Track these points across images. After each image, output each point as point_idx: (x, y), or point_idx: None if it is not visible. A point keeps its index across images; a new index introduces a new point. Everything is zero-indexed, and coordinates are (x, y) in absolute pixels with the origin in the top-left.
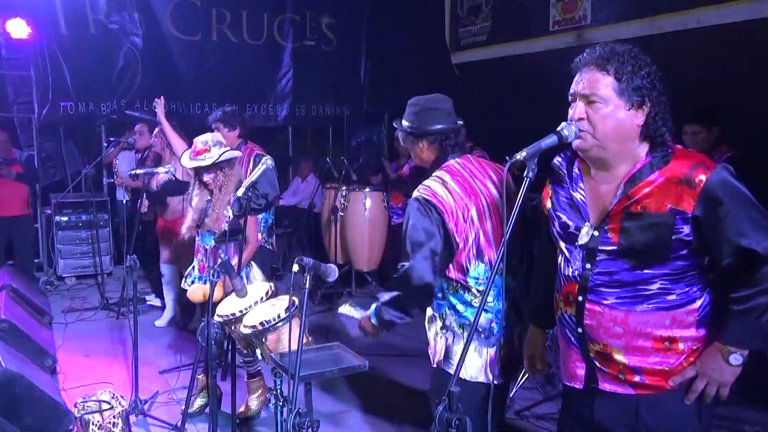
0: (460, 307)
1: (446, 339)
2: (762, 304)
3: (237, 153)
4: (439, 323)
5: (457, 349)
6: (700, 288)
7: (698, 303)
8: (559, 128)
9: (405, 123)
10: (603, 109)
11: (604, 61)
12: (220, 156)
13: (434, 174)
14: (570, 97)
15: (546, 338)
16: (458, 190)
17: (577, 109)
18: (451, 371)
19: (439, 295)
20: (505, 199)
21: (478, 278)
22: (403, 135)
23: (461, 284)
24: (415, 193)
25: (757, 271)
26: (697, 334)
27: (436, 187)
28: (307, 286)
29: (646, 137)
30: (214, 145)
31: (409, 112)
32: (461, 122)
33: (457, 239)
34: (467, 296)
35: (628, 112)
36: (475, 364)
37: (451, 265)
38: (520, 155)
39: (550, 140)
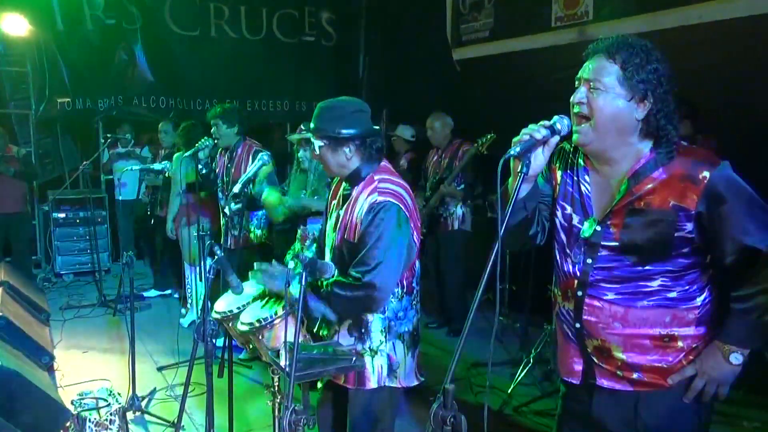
0: (401, 314)
1: (387, 355)
2: (764, 303)
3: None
4: (377, 340)
5: (400, 358)
6: (702, 286)
7: (699, 301)
8: (551, 121)
9: (331, 130)
10: (603, 96)
11: (614, 49)
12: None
13: (383, 176)
14: (576, 82)
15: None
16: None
17: (578, 93)
18: (396, 385)
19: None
20: (500, 196)
21: (418, 278)
22: (324, 142)
23: (408, 288)
24: (380, 198)
25: (760, 269)
26: (697, 332)
27: (396, 188)
28: (304, 282)
29: (648, 134)
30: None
31: (330, 116)
32: (377, 127)
33: (415, 240)
34: (407, 301)
35: (628, 103)
36: (410, 370)
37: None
38: (513, 151)
39: (544, 133)
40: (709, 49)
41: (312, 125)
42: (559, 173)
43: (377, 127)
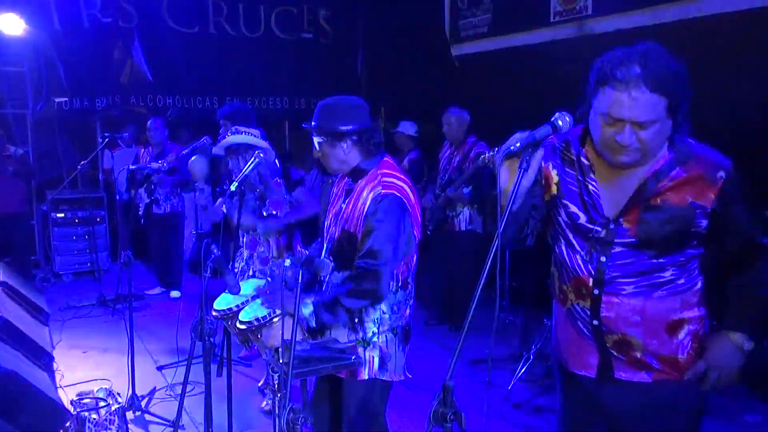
0: (395, 308)
1: (380, 347)
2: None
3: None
4: (370, 331)
5: (392, 351)
6: (699, 271)
7: (699, 284)
8: (552, 118)
9: (327, 126)
10: (653, 129)
11: (661, 82)
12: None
13: (386, 171)
14: (611, 118)
15: None
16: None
17: (626, 136)
18: (387, 378)
19: None
20: (500, 192)
21: (414, 275)
22: (323, 138)
23: (403, 282)
24: (383, 190)
25: (760, 261)
26: (699, 313)
27: (399, 183)
28: (301, 280)
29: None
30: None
31: (327, 113)
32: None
33: (415, 234)
34: (402, 295)
35: (667, 121)
36: (400, 364)
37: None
38: (513, 147)
39: (544, 131)
40: (709, 43)
41: (313, 123)
42: (553, 172)
43: (375, 122)
